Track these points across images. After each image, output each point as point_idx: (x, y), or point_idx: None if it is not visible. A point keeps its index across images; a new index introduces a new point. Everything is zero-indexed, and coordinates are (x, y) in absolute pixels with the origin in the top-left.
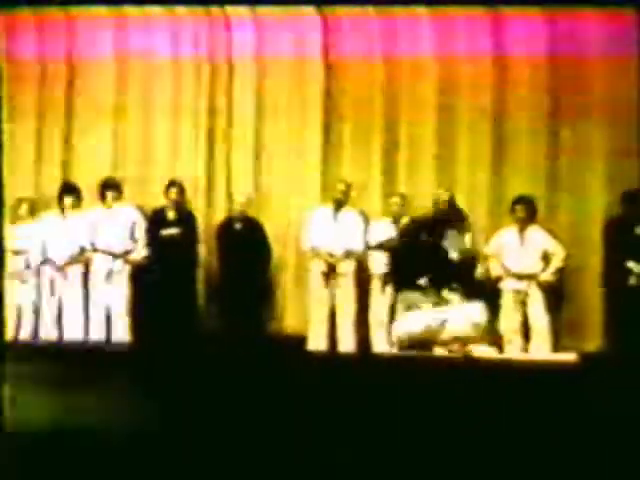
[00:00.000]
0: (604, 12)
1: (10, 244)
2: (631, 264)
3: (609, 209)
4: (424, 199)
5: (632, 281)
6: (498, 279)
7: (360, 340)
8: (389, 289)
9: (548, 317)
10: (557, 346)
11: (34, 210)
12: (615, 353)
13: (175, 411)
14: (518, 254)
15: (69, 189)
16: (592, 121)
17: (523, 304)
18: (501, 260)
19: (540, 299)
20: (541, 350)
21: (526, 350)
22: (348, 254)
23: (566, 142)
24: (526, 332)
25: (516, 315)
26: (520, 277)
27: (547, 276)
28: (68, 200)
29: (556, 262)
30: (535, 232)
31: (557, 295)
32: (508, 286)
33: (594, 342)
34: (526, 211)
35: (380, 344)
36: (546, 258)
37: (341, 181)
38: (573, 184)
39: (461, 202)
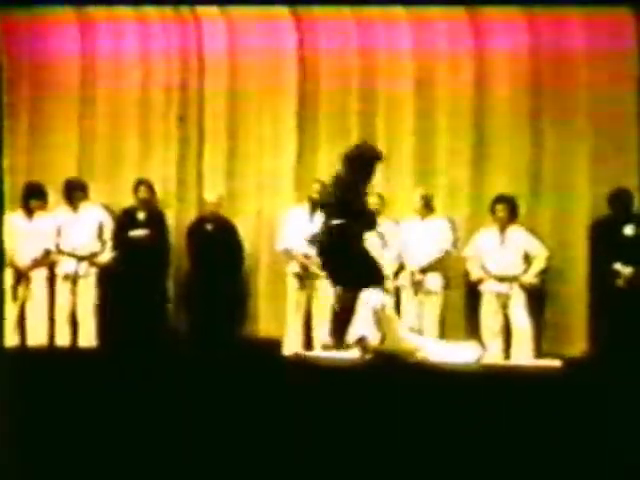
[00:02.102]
0: (589, 11)
1: None
2: (618, 266)
3: (594, 208)
4: (402, 198)
5: (620, 283)
6: (478, 281)
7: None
8: None
9: (530, 320)
10: (539, 350)
11: None
12: (601, 357)
13: (144, 417)
14: (499, 255)
15: (34, 191)
16: (575, 118)
17: (504, 307)
18: (481, 261)
19: (522, 302)
20: (523, 355)
21: (507, 354)
22: None
23: (549, 139)
24: (507, 336)
25: (497, 318)
26: (501, 279)
27: (530, 278)
28: (33, 202)
29: (539, 263)
30: (516, 232)
31: (540, 297)
32: (489, 289)
33: (578, 346)
34: (507, 210)
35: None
36: (527, 259)
37: (317, 181)
38: (556, 182)
39: (440, 201)
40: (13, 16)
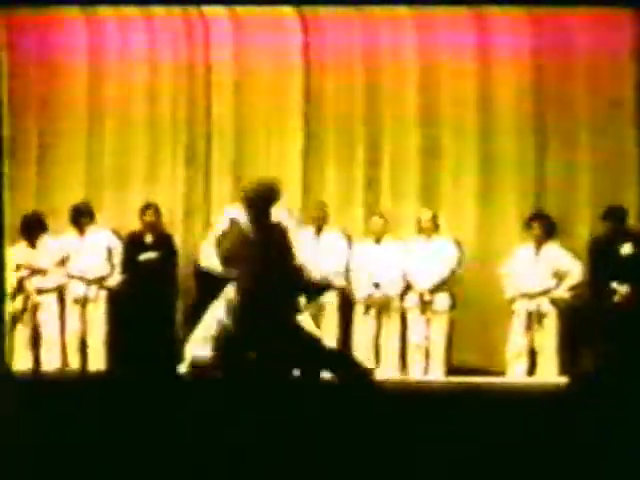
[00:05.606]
0: (591, 11)
1: None
2: (615, 284)
3: (595, 226)
4: (408, 218)
5: (616, 301)
6: (511, 300)
7: None
8: (373, 312)
9: (558, 337)
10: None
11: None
12: (602, 374)
13: (153, 443)
14: (532, 272)
15: (32, 221)
16: (578, 131)
17: (534, 325)
18: (515, 280)
19: (553, 319)
20: (548, 373)
21: (532, 372)
22: (330, 276)
23: (554, 156)
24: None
25: (525, 337)
26: (532, 296)
27: (561, 292)
28: (33, 232)
29: (572, 279)
30: (551, 249)
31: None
32: (520, 307)
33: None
34: (543, 227)
35: None
36: (559, 276)
37: (317, 204)
38: (562, 200)
39: (446, 221)
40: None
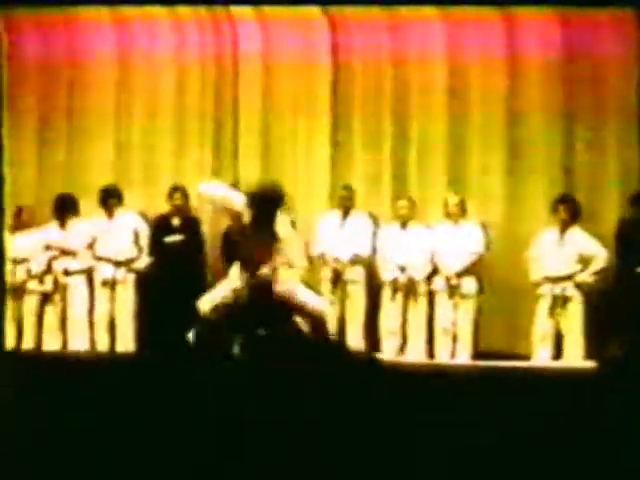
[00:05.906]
0: (613, 12)
1: (10, 253)
2: None
3: (623, 211)
4: (435, 202)
5: None
6: (537, 284)
7: (369, 349)
8: (399, 296)
9: (584, 322)
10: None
11: (34, 218)
12: (629, 358)
13: (180, 425)
14: (557, 256)
15: (65, 202)
16: (607, 120)
17: (559, 309)
18: (540, 263)
19: (578, 303)
20: (574, 358)
21: (557, 357)
22: (355, 260)
23: (581, 142)
24: (557, 338)
25: (550, 321)
26: (557, 280)
27: (586, 276)
28: (65, 213)
29: (597, 263)
30: (576, 233)
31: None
32: (546, 291)
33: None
34: (569, 211)
35: (390, 352)
36: (584, 261)
37: (344, 187)
38: (590, 185)
39: (473, 205)
40: (47, 15)
